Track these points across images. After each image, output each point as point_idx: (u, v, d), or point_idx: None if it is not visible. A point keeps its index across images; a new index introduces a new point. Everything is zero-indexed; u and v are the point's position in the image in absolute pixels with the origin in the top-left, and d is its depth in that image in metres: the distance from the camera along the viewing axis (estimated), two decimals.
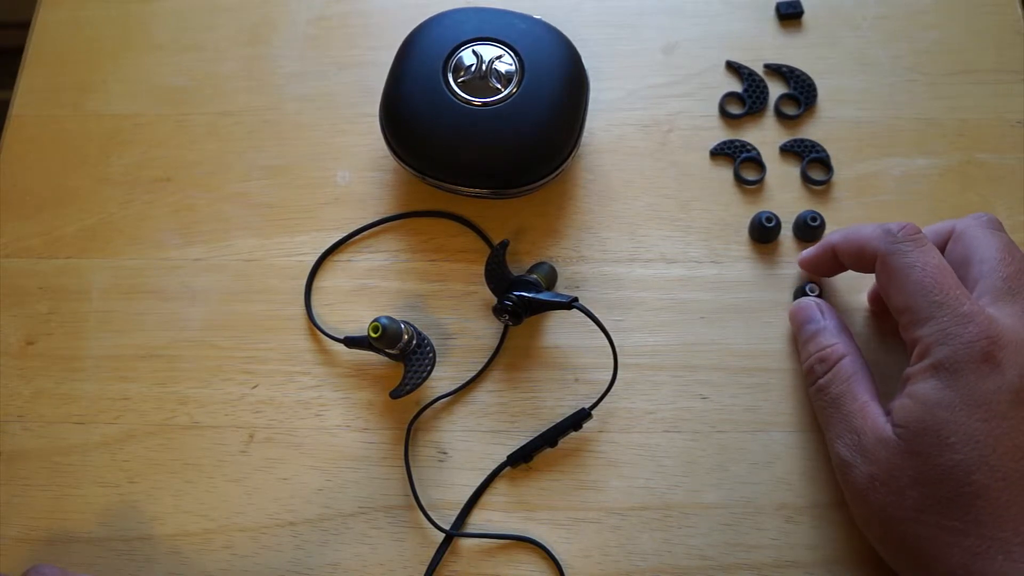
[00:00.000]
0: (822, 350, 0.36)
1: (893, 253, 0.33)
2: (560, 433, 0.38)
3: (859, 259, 0.35)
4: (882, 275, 0.34)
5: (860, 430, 0.33)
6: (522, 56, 0.40)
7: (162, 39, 0.49)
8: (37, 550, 0.38)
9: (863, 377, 0.35)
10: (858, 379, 0.34)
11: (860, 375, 0.35)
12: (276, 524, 0.38)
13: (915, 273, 0.32)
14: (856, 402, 0.34)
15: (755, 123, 0.45)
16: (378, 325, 0.35)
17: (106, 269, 0.43)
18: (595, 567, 0.36)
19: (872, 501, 0.32)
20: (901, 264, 0.33)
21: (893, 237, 0.33)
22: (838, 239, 0.37)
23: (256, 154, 0.45)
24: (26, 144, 0.46)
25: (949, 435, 0.30)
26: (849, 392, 0.34)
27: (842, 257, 0.37)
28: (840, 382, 0.35)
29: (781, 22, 0.47)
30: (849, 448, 0.33)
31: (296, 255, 0.43)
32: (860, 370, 0.35)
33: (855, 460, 0.32)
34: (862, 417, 0.33)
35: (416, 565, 0.37)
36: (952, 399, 0.30)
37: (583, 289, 0.41)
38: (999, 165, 0.43)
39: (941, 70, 0.45)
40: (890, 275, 0.33)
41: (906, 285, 0.32)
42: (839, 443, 0.34)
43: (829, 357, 0.36)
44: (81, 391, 0.40)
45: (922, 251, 0.33)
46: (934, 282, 0.32)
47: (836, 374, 0.35)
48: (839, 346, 0.36)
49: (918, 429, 0.31)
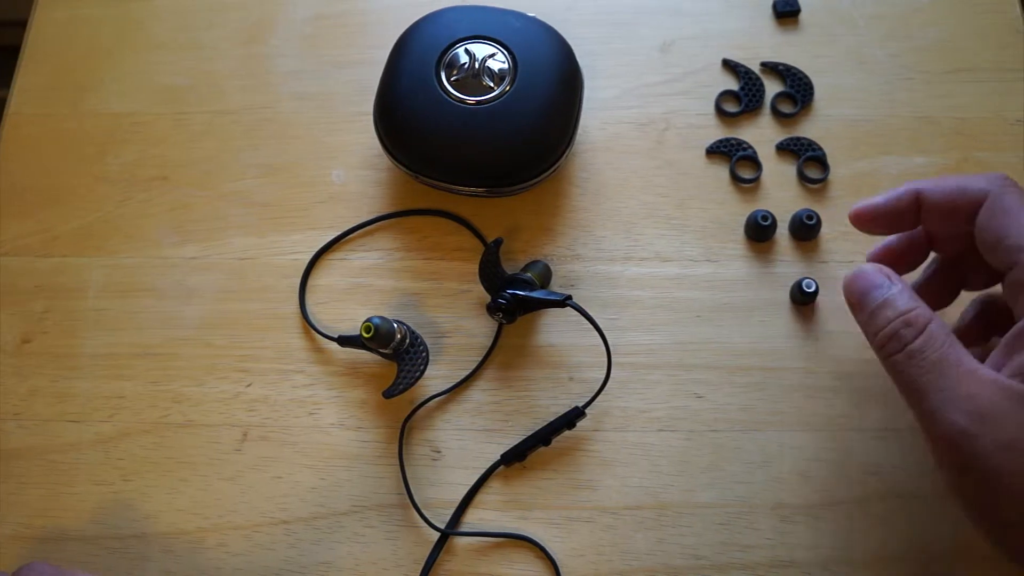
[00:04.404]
0: (905, 314, 0.32)
1: (1008, 192, 0.31)
2: (554, 432, 0.38)
3: (955, 204, 0.33)
4: (994, 217, 0.31)
5: (976, 394, 0.29)
6: (515, 54, 0.40)
7: (160, 38, 0.49)
8: (31, 547, 0.38)
9: (957, 340, 0.31)
10: (955, 340, 0.31)
11: (954, 337, 0.31)
12: (270, 522, 0.38)
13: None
14: (963, 364, 0.30)
15: (751, 121, 0.45)
16: (370, 325, 0.35)
17: (102, 267, 0.43)
18: (589, 567, 0.36)
19: (1007, 472, 0.28)
20: (1017, 203, 0.31)
21: (1003, 179, 0.32)
22: (926, 183, 0.34)
23: (252, 153, 0.45)
24: (23, 142, 0.46)
25: None
26: (953, 354, 0.30)
27: (931, 201, 0.33)
28: (938, 345, 0.31)
29: (778, 20, 0.47)
30: (967, 415, 0.29)
31: (291, 253, 0.43)
32: (951, 333, 0.31)
33: (977, 428, 0.28)
34: (976, 379, 0.29)
35: (410, 564, 0.37)
36: None
37: (577, 287, 0.41)
38: (997, 163, 0.43)
39: (938, 68, 0.45)
40: (1006, 213, 0.31)
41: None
42: (951, 411, 0.29)
43: (917, 320, 0.31)
44: (76, 389, 0.41)
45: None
46: None
47: (931, 337, 0.31)
48: (923, 308, 0.32)
49: None
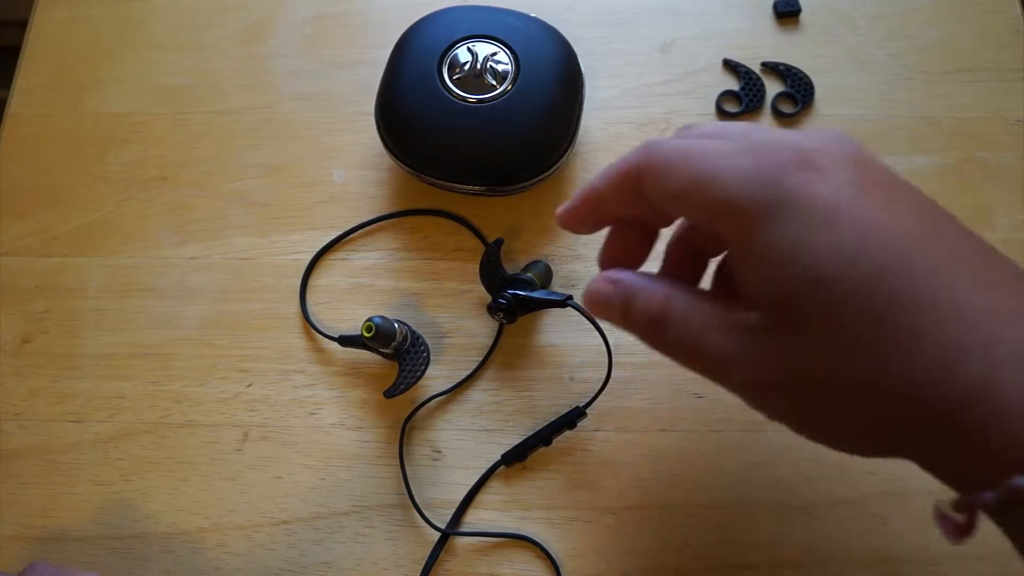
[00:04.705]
0: (647, 309, 0.28)
1: (654, 153, 0.27)
2: (555, 432, 0.38)
3: (622, 186, 0.29)
4: (652, 177, 0.27)
5: (721, 341, 0.27)
6: (517, 53, 0.40)
7: (160, 38, 0.49)
8: (32, 548, 0.38)
9: (699, 301, 0.28)
10: (692, 299, 0.28)
11: (691, 296, 0.28)
12: (270, 522, 0.38)
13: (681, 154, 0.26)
14: (707, 317, 0.27)
15: (752, 121, 0.45)
16: (371, 325, 0.35)
17: (102, 267, 0.43)
18: (590, 567, 0.36)
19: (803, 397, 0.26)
20: (665, 155, 0.27)
21: (647, 144, 0.28)
22: (595, 180, 0.30)
23: (253, 153, 0.45)
24: (23, 142, 0.46)
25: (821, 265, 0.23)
26: (696, 315, 0.27)
27: (605, 193, 0.30)
28: (680, 318, 0.28)
29: (778, 20, 0.47)
30: (736, 350, 0.27)
31: (291, 253, 0.43)
32: (692, 295, 0.28)
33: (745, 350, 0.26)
34: (723, 322, 0.27)
35: (410, 564, 0.37)
36: (796, 229, 0.24)
37: (578, 287, 0.41)
38: (998, 163, 0.43)
39: (939, 68, 0.45)
40: (654, 174, 0.27)
41: (673, 173, 0.26)
42: (734, 367, 0.27)
43: (657, 309, 0.28)
44: (76, 389, 0.41)
45: (662, 143, 0.27)
46: (699, 151, 0.26)
47: (672, 312, 0.28)
48: (653, 292, 0.28)
49: (784, 289, 0.24)
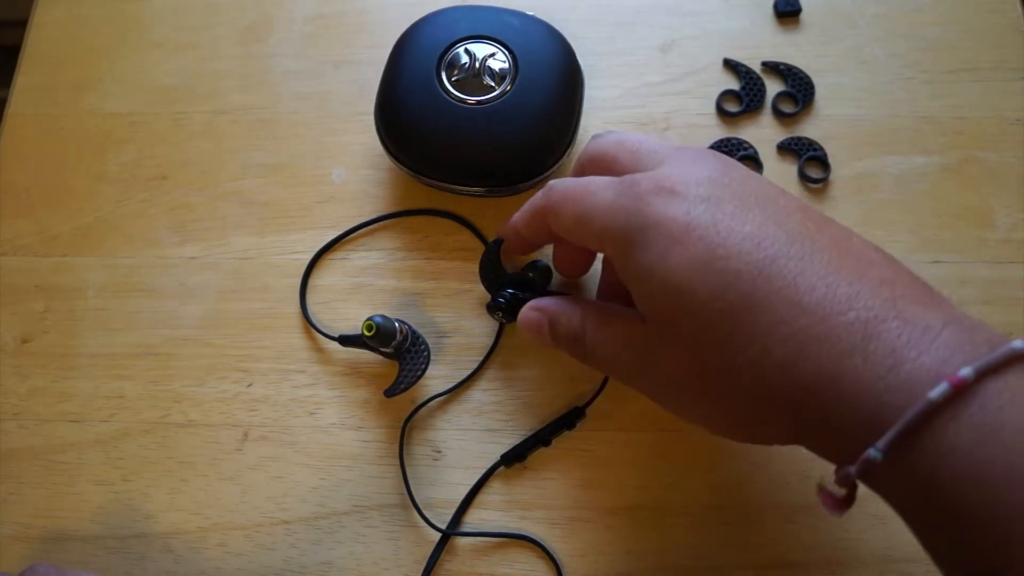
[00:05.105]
0: (570, 332, 0.34)
1: (547, 199, 0.33)
2: (554, 432, 0.38)
3: (538, 223, 0.34)
4: (550, 217, 0.33)
5: (630, 331, 0.31)
6: (515, 53, 0.40)
7: (159, 37, 0.49)
8: (32, 548, 0.38)
9: (607, 321, 0.33)
10: (602, 327, 0.32)
11: (604, 317, 0.33)
12: (270, 522, 0.38)
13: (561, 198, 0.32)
14: (616, 324, 0.32)
15: (752, 121, 0.45)
16: (372, 324, 0.35)
17: (102, 267, 0.43)
18: (590, 567, 0.36)
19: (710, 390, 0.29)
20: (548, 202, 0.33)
21: (548, 187, 0.34)
22: (514, 219, 0.36)
23: (252, 152, 0.45)
24: (22, 142, 0.46)
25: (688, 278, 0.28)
26: (605, 324, 0.32)
27: (524, 233, 0.36)
28: (591, 341, 0.33)
29: (779, 20, 0.47)
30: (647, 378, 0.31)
31: (291, 253, 0.43)
32: (603, 314, 0.33)
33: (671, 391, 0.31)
34: (624, 325, 0.31)
35: (411, 564, 0.37)
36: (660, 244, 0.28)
37: (578, 287, 0.41)
38: (998, 163, 0.43)
39: (940, 68, 0.45)
40: (554, 214, 0.33)
41: (563, 213, 0.32)
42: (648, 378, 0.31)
43: (572, 337, 0.33)
44: (76, 389, 0.40)
45: (557, 186, 0.33)
46: (583, 191, 0.31)
47: (584, 327, 0.33)
48: (569, 315, 0.34)
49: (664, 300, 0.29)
